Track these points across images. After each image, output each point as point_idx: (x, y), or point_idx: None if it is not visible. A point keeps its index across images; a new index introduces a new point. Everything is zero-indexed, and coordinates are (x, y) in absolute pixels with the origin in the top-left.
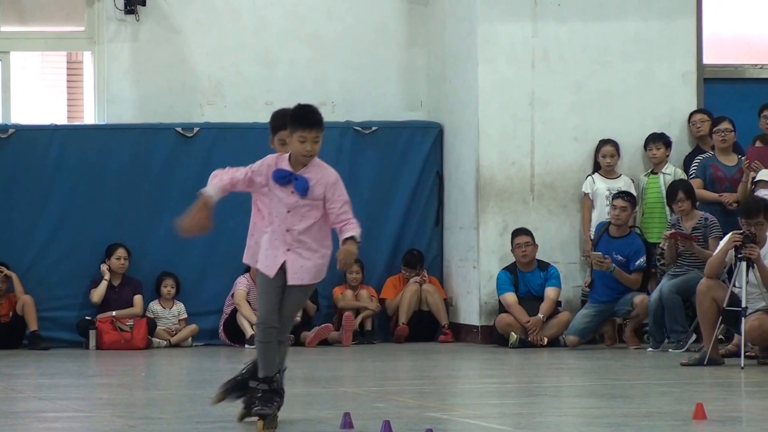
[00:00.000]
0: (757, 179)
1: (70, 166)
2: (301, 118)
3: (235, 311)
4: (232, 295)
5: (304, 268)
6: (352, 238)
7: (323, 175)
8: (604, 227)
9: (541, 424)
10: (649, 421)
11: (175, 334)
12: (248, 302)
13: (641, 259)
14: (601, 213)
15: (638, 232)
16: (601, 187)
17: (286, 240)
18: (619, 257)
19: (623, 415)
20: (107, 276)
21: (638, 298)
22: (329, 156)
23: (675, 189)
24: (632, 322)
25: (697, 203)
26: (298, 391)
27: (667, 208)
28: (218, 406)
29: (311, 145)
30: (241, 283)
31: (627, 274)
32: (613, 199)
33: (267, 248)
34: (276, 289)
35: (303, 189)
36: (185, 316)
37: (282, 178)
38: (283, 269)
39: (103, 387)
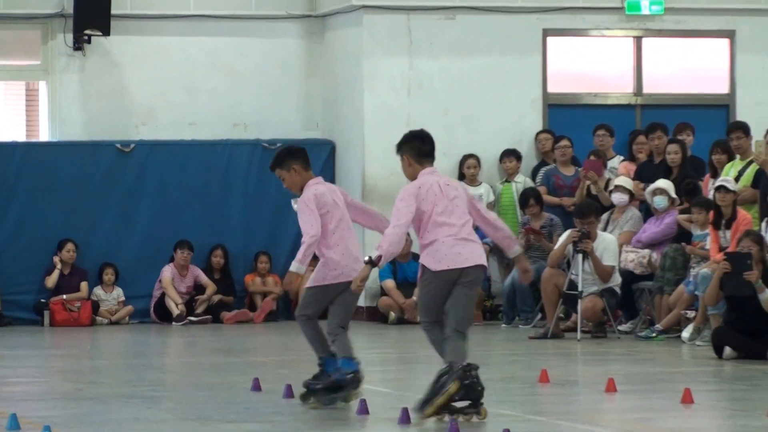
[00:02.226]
0: (615, 184)
1: (29, 176)
2: None
3: (163, 295)
4: (160, 281)
5: None
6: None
7: None
8: None
9: (415, 386)
10: (503, 384)
11: (115, 313)
12: (174, 287)
13: (488, 239)
14: None
15: None
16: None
17: None
18: None
19: (485, 378)
20: (59, 266)
21: None
22: (243, 168)
23: (527, 196)
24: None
25: (544, 206)
26: (217, 360)
27: (518, 210)
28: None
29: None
30: (167, 271)
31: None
32: None
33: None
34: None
35: None
36: (123, 298)
37: None
38: None
39: (55, 357)
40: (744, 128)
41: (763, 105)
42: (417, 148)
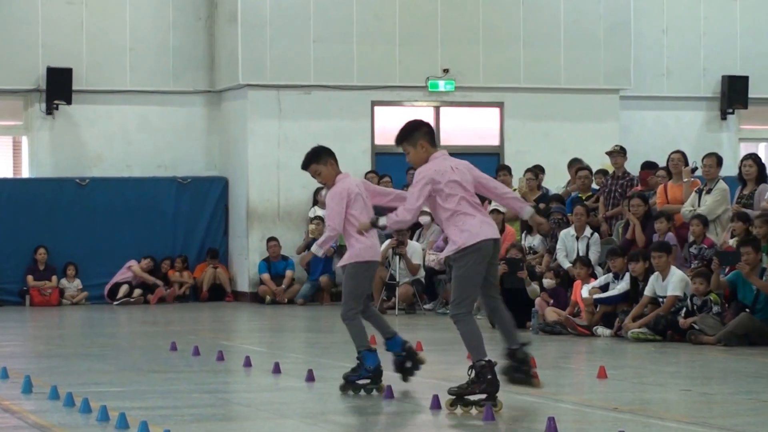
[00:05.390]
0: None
1: (14, 201)
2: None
3: (115, 283)
4: (129, 269)
5: None
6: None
7: None
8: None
9: (285, 348)
10: (345, 346)
11: (75, 297)
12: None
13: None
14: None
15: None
16: (320, 213)
17: None
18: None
19: (332, 341)
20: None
21: (322, 278)
22: (163, 198)
23: None
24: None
25: None
26: (145, 329)
27: None
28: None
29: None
30: (135, 266)
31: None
32: (313, 219)
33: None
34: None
35: None
36: (81, 287)
37: None
38: None
39: (33, 328)
40: (508, 169)
41: (522, 153)
42: (431, 133)
